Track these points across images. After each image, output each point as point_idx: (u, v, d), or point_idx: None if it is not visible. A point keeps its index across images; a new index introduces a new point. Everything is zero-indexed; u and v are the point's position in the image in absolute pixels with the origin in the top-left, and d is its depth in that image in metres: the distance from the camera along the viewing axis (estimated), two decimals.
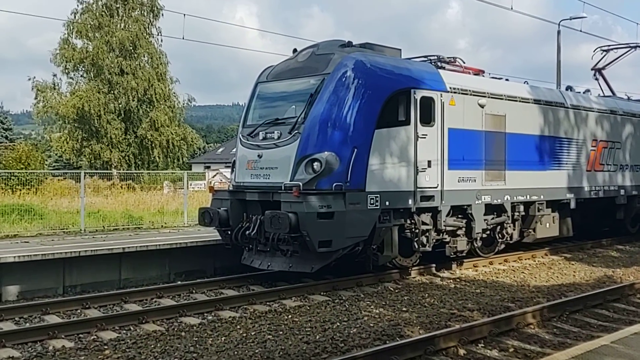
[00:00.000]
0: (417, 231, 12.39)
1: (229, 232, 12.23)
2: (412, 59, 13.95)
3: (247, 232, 11.81)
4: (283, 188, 11.27)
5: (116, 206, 20.83)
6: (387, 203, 11.72)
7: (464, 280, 12.95)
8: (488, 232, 14.03)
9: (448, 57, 14.30)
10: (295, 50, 13.11)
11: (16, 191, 20.41)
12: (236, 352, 7.88)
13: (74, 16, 44.94)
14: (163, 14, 46.03)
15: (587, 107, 17.03)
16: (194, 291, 11.66)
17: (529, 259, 15.67)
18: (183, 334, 8.86)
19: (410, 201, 12.16)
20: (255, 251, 11.95)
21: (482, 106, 13.67)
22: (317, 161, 11.16)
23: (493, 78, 15.55)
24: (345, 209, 11.06)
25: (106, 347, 8.23)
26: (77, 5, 45.12)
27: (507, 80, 15.93)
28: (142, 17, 46.13)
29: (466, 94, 13.39)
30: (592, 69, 21.62)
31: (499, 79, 15.74)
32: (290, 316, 9.82)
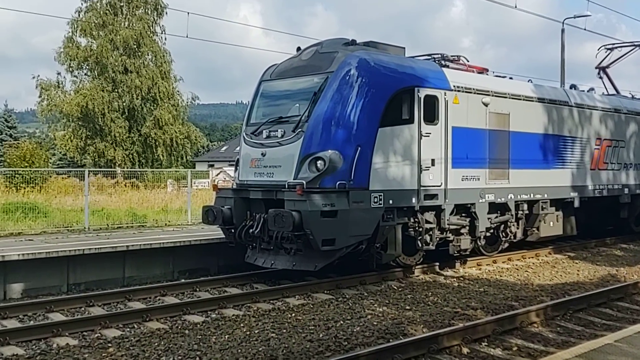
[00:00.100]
0: (420, 230, 12.38)
1: (233, 231, 12.24)
2: (415, 57, 13.93)
3: (250, 230, 11.82)
4: (287, 186, 11.28)
5: (120, 204, 20.88)
6: (391, 201, 11.72)
7: (467, 278, 12.94)
8: (492, 230, 14.01)
9: (452, 56, 14.28)
10: (299, 49, 13.11)
11: (20, 189, 20.51)
12: (240, 350, 7.89)
13: (78, 14, 45.15)
14: (167, 12, 46.22)
15: (591, 106, 16.99)
16: (197, 289, 11.68)
17: (532, 257, 15.65)
18: (187, 332, 8.87)
19: (414, 200, 12.15)
20: (259, 249, 11.96)
21: (486, 105, 13.65)
22: (320, 160, 11.16)
23: (497, 76, 15.53)
24: (349, 207, 11.05)
25: (110, 345, 8.25)
26: (82, 3, 45.41)
27: (511, 78, 15.92)
28: (146, 15, 46.21)
29: (470, 92, 13.37)
30: (596, 68, 21.56)
31: (503, 77, 15.72)
32: (293, 314, 9.83)
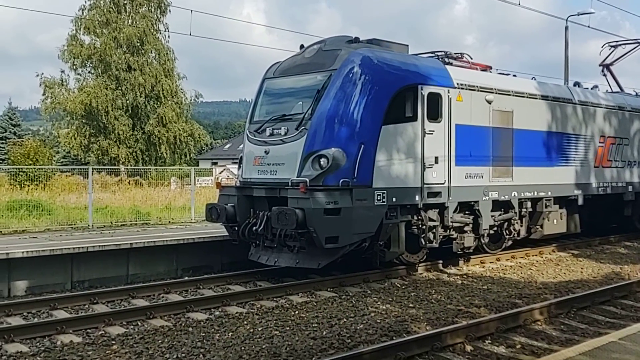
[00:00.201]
0: (424, 227, 12.37)
1: (236, 228, 12.25)
2: (419, 54, 13.92)
3: (254, 228, 11.82)
4: (290, 184, 11.27)
5: (124, 202, 20.93)
6: (394, 199, 11.71)
7: (471, 276, 12.93)
8: (495, 228, 14.00)
9: (455, 53, 14.26)
10: (302, 46, 13.09)
11: (24, 187, 20.57)
12: (243, 348, 7.90)
13: (81, 12, 45.19)
14: (170, 10, 46.20)
15: (595, 103, 16.95)
16: (201, 287, 11.70)
17: (536, 255, 15.63)
18: (190, 329, 8.89)
19: (417, 197, 12.14)
20: (262, 247, 11.96)
21: (489, 102, 13.63)
22: (324, 157, 11.16)
23: (500, 74, 15.49)
24: (352, 205, 11.05)
25: (114, 342, 8.27)
26: (85, 1, 45.44)
27: (514, 76, 15.89)
28: (149, 13, 46.23)
29: (473, 90, 13.35)
30: (600, 65, 21.48)
31: (507, 74, 15.68)
32: (297, 312, 9.84)
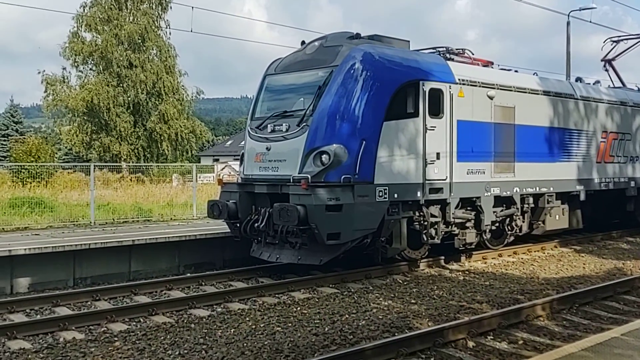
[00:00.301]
0: (425, 223, 12.37)
1: (238, 225, 12.26)
2: (420, 50, 13.90)
3: (255, 224, 11.83)
4: (292, 180, 11.27)
5: (126, 199, 20.95)
6: (396, 195, 11.70)
7: (472, 272, 12.93)
8: (497, 224, 13.99)
9: (457, 49, 14.23)
10: (303, 43, 13.08)
11: (27, 184, 20.61)
12: (245, 344, 7.91)
13: (83, 9, 45.09)
14: (171, 7, 46.10)
15: (597, 99, 16.92)
16: (203, 283, 11.71)
17: (538, 251, 15.63)
18: (192, 325, 8.90)
19: (419, 193, 12.13)
20: (264, 243, 11.97)
21: (491, 98, 13.61)
22: (325, 154, 11.15)
23: (502, 69, 15.47)
24: (354, 201, 11.05)
25: (116, 338, 8.28)
26: None
27: (516, 71, 15.86)
28: (150, 10, 46.15)
29: (475, 85, 13.33)
30: (602, 60, 21.46)
31: (508, 70, 15.66)
32: (299, 308, 9.85)
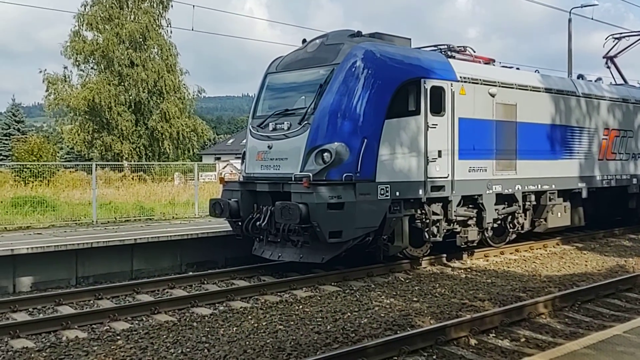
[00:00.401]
0: (427, 221, 12.36)
1: (240, 223, 12.27)
2: (422, 48, 13.87)
3: (257, 223, 11.82)
4: (293, 179, 11.27)
5: (127, 198, 20.97)
6: (398, 193, 11.70)
7: (475, 270, 12.93)
8: (499, 222, 13.98)
9: (458, 46, 14.22)
10: (304, 41, 13.08)
11: (29, 183, 20.65)
12: (248, 342, 7.92)
13: (84, 8, 45.17)
14: (172, 5, 46.20)
15: (599, 96, 16.90)
16: (205, 282, 11.72)
17: (540, 248, 15.62)
18: (195, 324, 8.91)
19: (421, 191, 12.13)
20: (266, 242, 11.97)
21: (492, 95, 13.59)
22: (327, 152, 11.15)
23: (504, 67, 15.45)
24: (356, 199, 11.05)
25: (119, 337, 8.29)
26: None
27: (517, 69, 15.84)
28: (151, 8, 46.21)
29: (477, 83, 13.31)
30: (603, 57, 21.40)
31: (510, 67, 15.64)
32: (301, 306, 9.85)
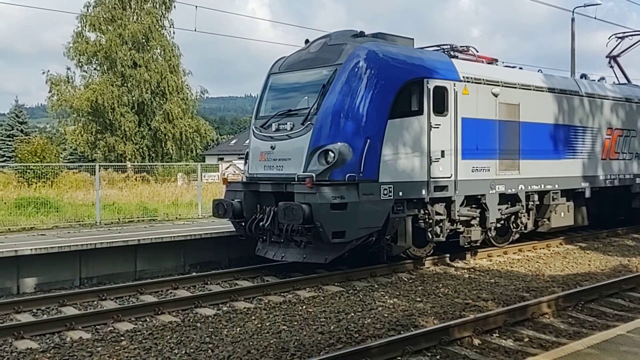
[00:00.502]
0: (430, 221, 12.36)
1: (243, 224, 12.27)
2: (424, 48, 13.87)
3: (260, 223, 11.84)
4: (296, 179, 11.28)
5: (131, 198, 21.01)
6: (401, 193, 11.70)
7: (478, 270, 12.92)
8: (502, 221, 13.97)
9: (461, 46, 14.21)
10: (307, 41, 13.08)
11: (32, 184, 20.69)
12: (251, 343, 7.93)
13: (87, 9, 45.23)
14: (175, 6, 46.19)
15: (602, 95, 16.88)
16: (209, 282, 11.73)
17: (543, 248, 15.60)
18: (198, 324, 8.92)
19: (424, 191, 12.13)
20: (269, 242, 11.98)
21: (495, 95, 13.58)
22: (330, 152, 11.15)
23: (506, 67, 15.44)
24: (359, 199, 11.05)
25: (123, 338, 8.31)
26: None
27: (520, 68, 15.82)
28: (154, 9, 46.24)
29: (479, 83, 13.31)
30: (607, 57, 21.37)
31: (513, 67, 15.63)
32: (304, 307, 9.86)
